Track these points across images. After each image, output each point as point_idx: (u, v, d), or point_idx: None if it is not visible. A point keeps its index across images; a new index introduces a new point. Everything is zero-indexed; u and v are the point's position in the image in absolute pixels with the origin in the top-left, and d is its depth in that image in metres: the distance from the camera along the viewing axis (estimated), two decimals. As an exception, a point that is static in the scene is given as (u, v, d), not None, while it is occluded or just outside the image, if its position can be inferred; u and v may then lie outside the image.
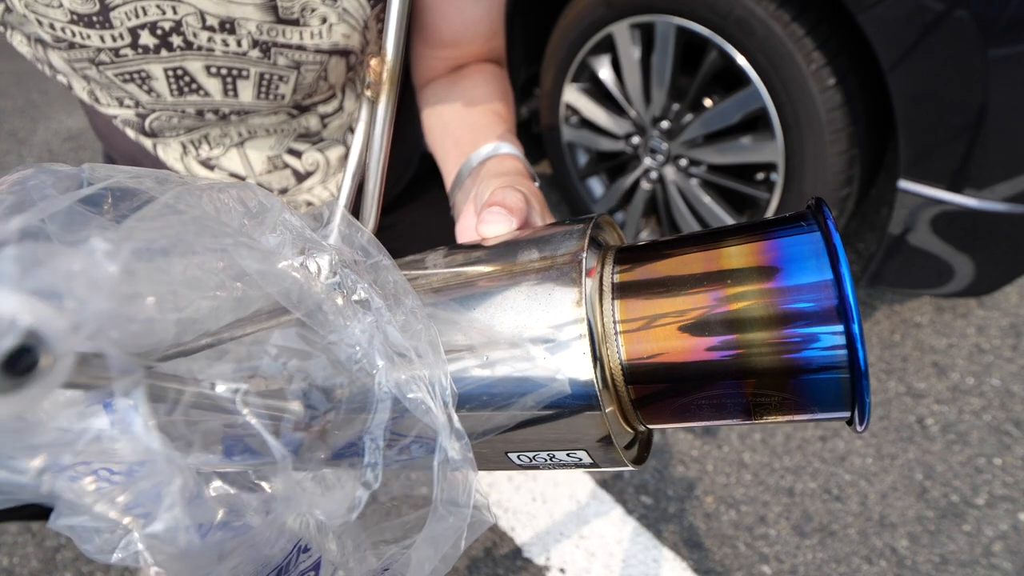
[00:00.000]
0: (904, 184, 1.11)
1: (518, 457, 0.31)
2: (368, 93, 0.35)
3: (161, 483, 0.19)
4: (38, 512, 0.51)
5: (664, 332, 0.27)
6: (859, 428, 0.26)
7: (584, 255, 0.29)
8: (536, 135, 1.76)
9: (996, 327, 1.48)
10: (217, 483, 0.25)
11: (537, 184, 0.45)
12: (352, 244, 0.30)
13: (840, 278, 0.25)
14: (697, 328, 0.27)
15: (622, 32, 1.40)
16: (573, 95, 1.57)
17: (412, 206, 0.74)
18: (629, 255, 0.31)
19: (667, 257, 0.29)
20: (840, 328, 0.25)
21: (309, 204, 0.66)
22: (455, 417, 0.27)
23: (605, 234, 0.34)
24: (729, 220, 1.44)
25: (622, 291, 0.29)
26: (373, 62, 0.35)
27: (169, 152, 0.61)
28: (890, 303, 1.56)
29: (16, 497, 0.23)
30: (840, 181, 1.25)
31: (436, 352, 0.28)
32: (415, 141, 0.72)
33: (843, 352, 0.25)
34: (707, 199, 1.45)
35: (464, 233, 0.42)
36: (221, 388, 0.24)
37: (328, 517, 0.27)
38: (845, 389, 0.26)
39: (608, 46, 1.46)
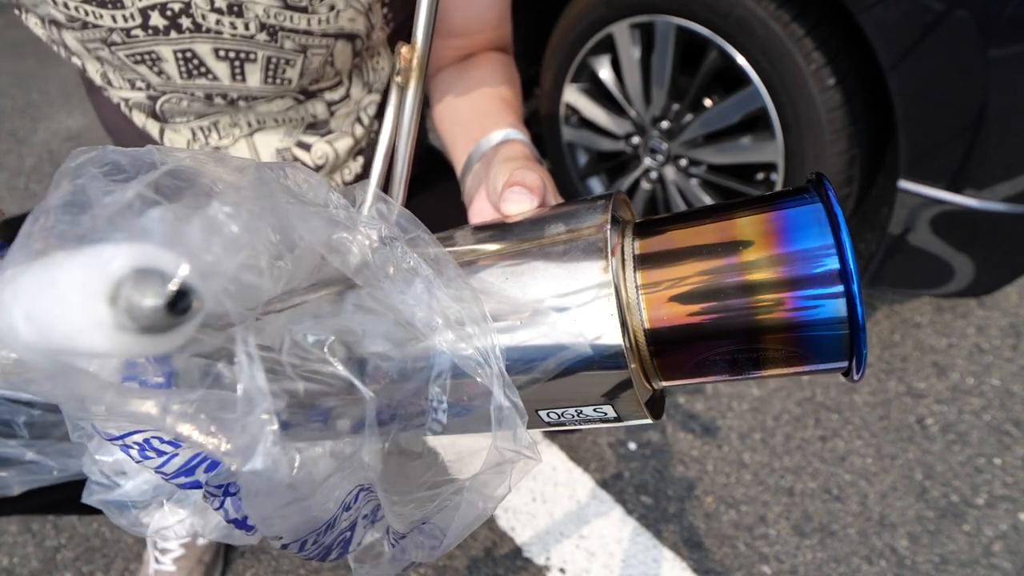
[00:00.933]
0: (904, 184, 1.11)
1: (547, 415, 0.34)
2: (398, 79, 0.37)
3: (265, 422, 0.22)
4: (63, 502, 0.53)
5: (682, 297, 0.30)
6: (855, 377, 0.29)
7: (609, 227, 0.32)
8: (536, 135, 1.76)
9: (996, 327, 1.48)
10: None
11: (546, 168, 0.46)
12: (388, 221, 0.32)
13: (840, 243, 0.28)
14: (712, 293, 0.29)
15: (622, 32, 1.40)
16: (573, 95, 1.57)
17: (423, 196, 0.75)
18: (646, 228, 0.33)
19: (682, 229, 0.32)
20: (841, 288, 0.28)
21: None
22: (505, 372, 0.30)
23: (621, 211, 0.37)
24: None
25: (642, 261, 0.32)
26: (404, 49, 0.36)
27: (177, 140, 0.61)
28: (890, 303, 1.56)
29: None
30: (840, 181, 1.25)
31: (483, 314, 0.30)
32: (425, 131, 0.73)
33: (844, 309, 0.28)
34: (707, 199, 1.45)
35: (478, 216, 0.43)
36: (311, 339, 0.27)
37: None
38: (844, 342, 0.29)
39: (608, 46, 1.46)
